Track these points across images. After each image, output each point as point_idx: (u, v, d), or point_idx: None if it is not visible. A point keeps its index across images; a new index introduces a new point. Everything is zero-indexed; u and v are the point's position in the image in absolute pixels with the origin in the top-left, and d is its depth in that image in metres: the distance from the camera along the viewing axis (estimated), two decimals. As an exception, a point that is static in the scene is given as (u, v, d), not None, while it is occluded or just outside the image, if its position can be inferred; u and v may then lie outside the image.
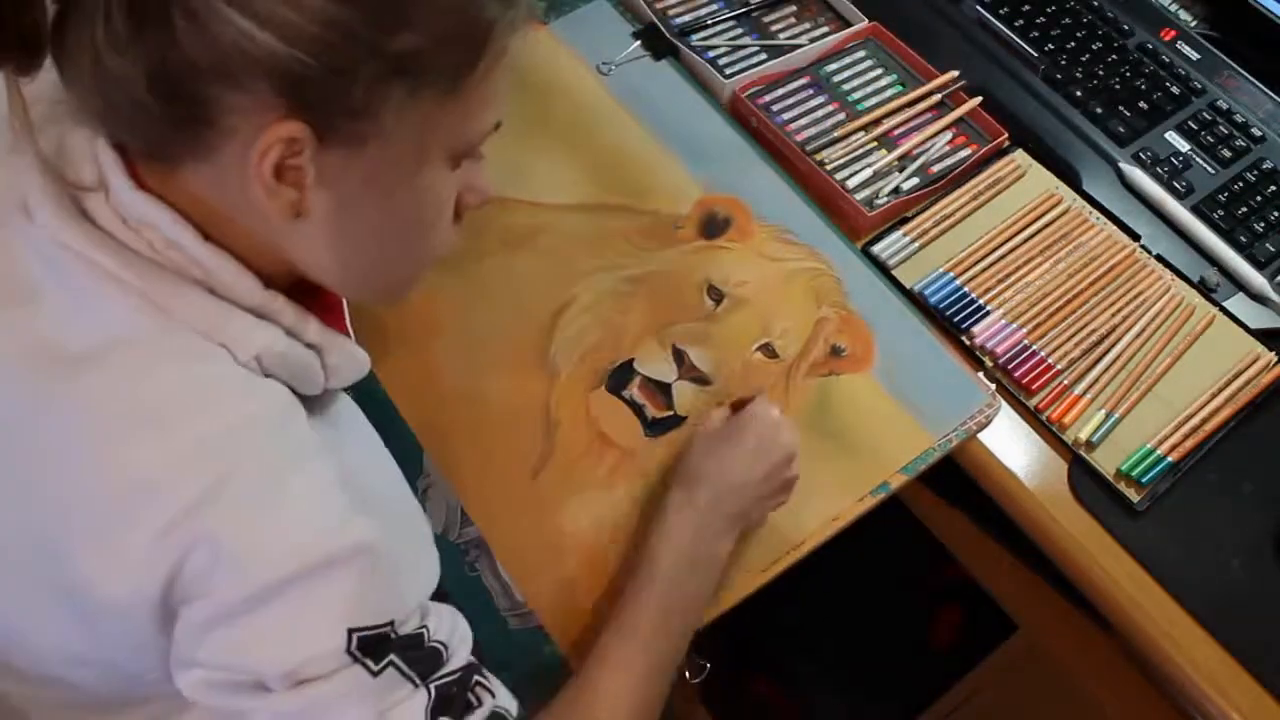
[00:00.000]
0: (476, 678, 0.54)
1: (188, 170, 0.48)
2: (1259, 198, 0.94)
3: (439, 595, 0.58)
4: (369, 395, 0.77)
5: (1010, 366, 0.81)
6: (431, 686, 0.51)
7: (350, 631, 0.48)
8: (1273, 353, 0.84)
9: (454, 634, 0.54)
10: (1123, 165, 0.95)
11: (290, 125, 0.45)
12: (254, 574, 0.46)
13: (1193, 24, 1.10)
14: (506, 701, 0.55)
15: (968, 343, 0.83)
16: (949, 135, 0.94)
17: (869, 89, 0.97)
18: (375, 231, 0.52)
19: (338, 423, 0.58)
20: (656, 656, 0.63)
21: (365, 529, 0.50)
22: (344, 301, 0.63)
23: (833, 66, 0.98)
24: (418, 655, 0.51)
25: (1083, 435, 0.78)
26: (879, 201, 0.89)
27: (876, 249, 0.87)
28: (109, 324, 0.49)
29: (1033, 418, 0.80)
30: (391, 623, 0.50)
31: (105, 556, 0.47)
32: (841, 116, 0.95)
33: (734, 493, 0.68)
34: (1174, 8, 1.11)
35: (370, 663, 0.48)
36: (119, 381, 0.48)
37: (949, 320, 0.83)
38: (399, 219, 0.52)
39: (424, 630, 0.52)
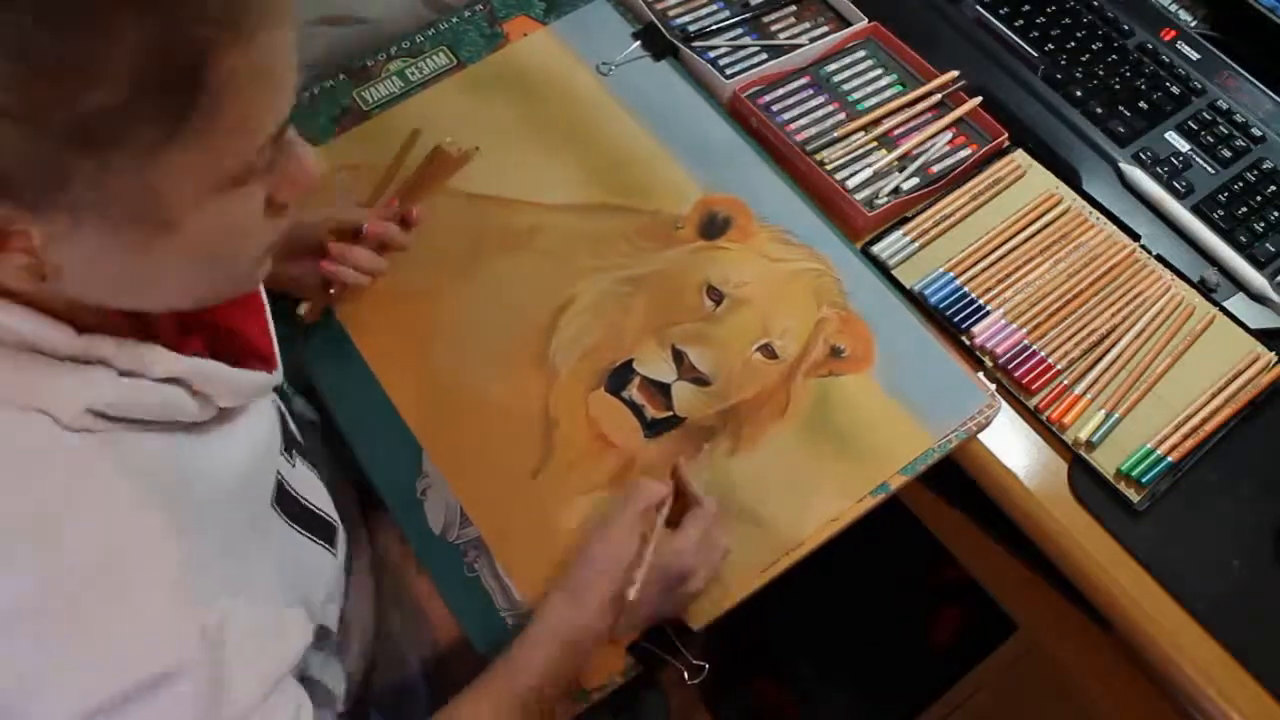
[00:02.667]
0: None
1: None
2: (1259, 198, 0.94)
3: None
4: (369, 395, 0.77)
5: (1010, 366, 0.81)
6: None
7: None
8: (1273, 353, 0.84)
9: None
10: (1123, 165, 0.95)
11: None
12: (72, 702, 0.43)
13: (1193, 24, 1.10)
14: None
15: (968, 343, 0.82)
16: (949, 135, 0.94)
17: (869, 89, 0.97)
18: (157, 271, 0.46)
19: (232, 435, 0.54)
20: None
21: (194, 636, 0.46)
22: (262, 298, 0.59)
23: (833, 66, 0.98)
24: None
25: (1083, 435, 0.78)
26: (879, 201, 0.89)
27: (876, 249, 0.87)
28: None
29: (1033, 418, 0.80)
30: None
31: None
32: (841, 116, 0.95)
33: (634, 608, 0.66)
34: (1174, 8, 1.11)
35: None
36: None
37: (949, 320, 0.83)
38: (179, 258, 0.45)
39: None
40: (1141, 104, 0.99)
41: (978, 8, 1.05)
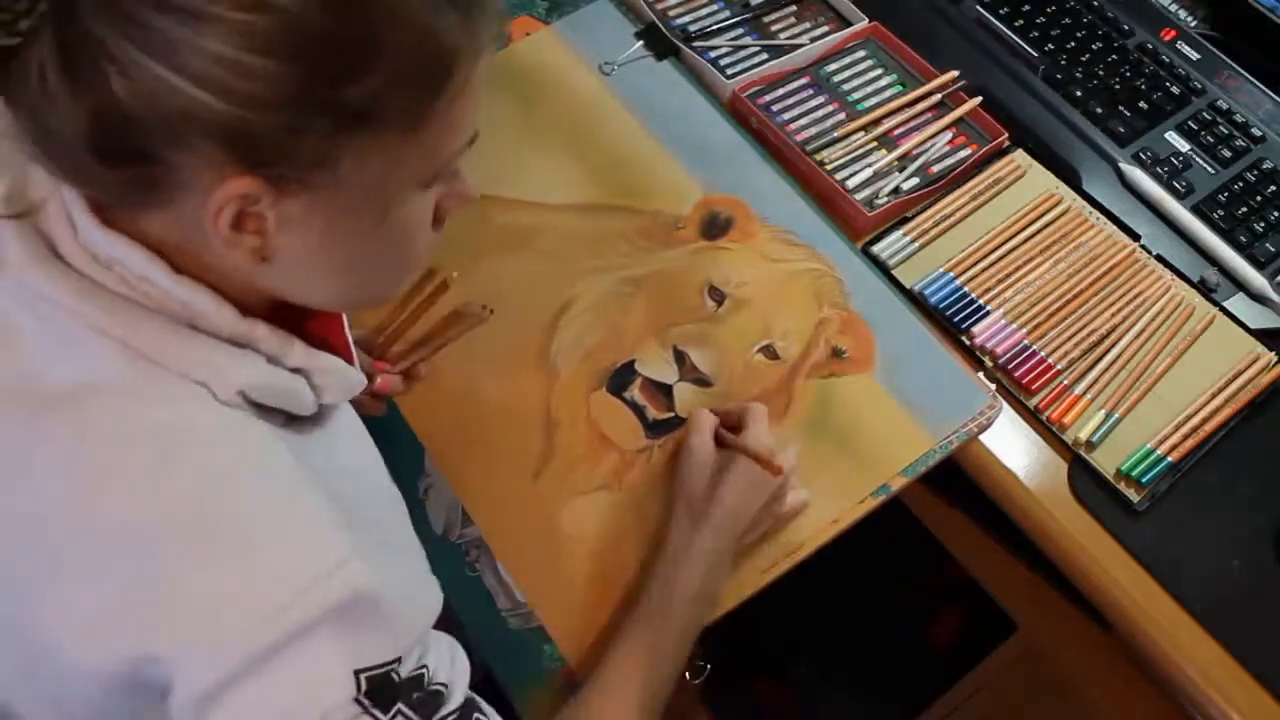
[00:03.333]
0: (475, 714, 0.53)
1: (153, 221, 0.47)
2: (1259, 198, 0.94)
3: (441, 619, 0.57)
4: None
5: (1010, 366, 0.81)
6: None
7: (357, 673, 0.46)
8: (1273, 353, 0.84)
9: (453, 669, 0.53)
10: (1123, 165, 0.95)
11: (242, 181, 0.43)
12: (243, 641, 0.44)
13: (1193, 24, 1.10)
14: None
15: (968, 343, 0.83)
16: (949, 135, 0.94)
17: (869, 89, 0.97)
18: (347, 263, 0.51)
19: (335, 441, 0.57)
20: (654, 688, 0.64)
21: (358, 572, 0.47)
22: (344, 324, 0.62)
23: (833, 66, 0.98)
24: (421, 699, 0.49)
25: (1083, 435, 0.78)
26: (879, 201, 0.89)
27: (876, 249, 0.87)
28: (85, 368, 0.47)
29: (1033, 418, 0.80)
30: (398, 659, 0.48)
31: (72, 615, 0.46)
32: (841, 116, 0.95)
33: (739, 526, 0.69)
34: (1174, 8, 1.11)
35: (379, 713, 0.47)
36: (92, 429, 0.47)
37: (949, 320, 0.83)
38: (371, 249, 0.51)
39: (424, 670, 0.50)
40: (1141, 104, 0.99)
41: (978, 8, 1.05)
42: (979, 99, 0.95)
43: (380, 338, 0.73)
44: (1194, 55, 1.04)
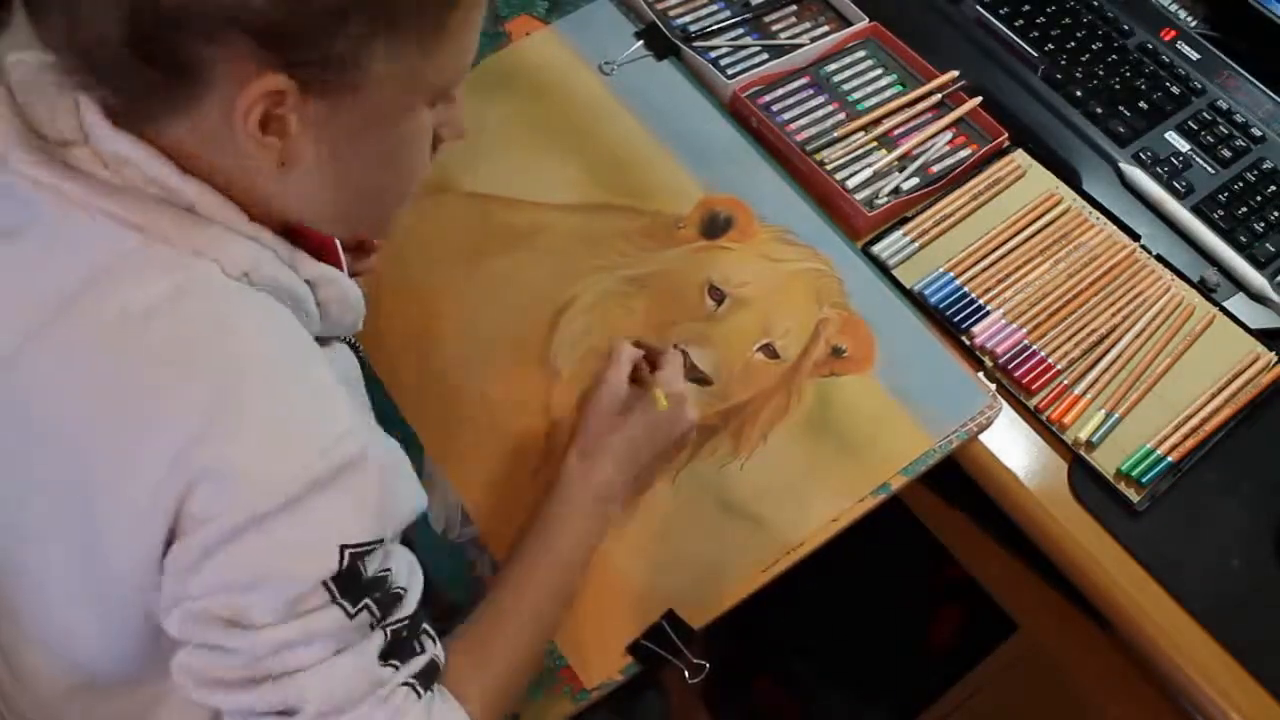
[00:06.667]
0: (423, 625, 0.55)
1: (171, 126, 0.48)
2: (1259, 198, 0.94)
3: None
4: (370, 394, 0.77)
5: (1010, 366, 0.81)
6: (388, 629, 0.52)
7: (343, 548, 0.48)
8: (1273, 353, 0.84)
9: (411, 578, 0.55)
10: (1123, 165, 0.95)
11: (273, 79, 0.44)
12: (262, 495, 0.46)
13: (1193, 24, 1.10)
14: (438, 651, 0.56)
15: (968, 343, 0.83)
16: (949, 135, 0.94)
17: (869, 89, 0.97)
18: (360, 173, 0.52)
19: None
20: (543, 616, 0.65)
21: (367, 436, 0.50)
22: (339, 249, 0.63)
23: (833, 66, 0.98)
24: (383, 598, 0.51)
25: (1083, 435, 0.78)
26: (879, 201, 0.89)
27: (876, 249, 0.87)
28: (90, 253, 0.49)
29: (1033, 418, 0.80)
30: (381, 541, 0.50)
31: (116, 485, 0.47)
32: (841, 116, 0.95)
33: (635, 465, 0.70)
34: (1174, 8, 1.11)
35: (348, 604, 0.49)
36: (106, 306, 0.48)
37: (949, 320, 0.83)
38: (384, 159, 0.53)
39: (388, 572, 0.52)
40: (1141, 104, 0.99)
41: (978, 8, 1.05)
42: (979, 99, 0.95)
43: None
44: (1194, 55, 1.04)
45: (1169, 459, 0.77)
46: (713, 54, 0.98)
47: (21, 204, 0.49)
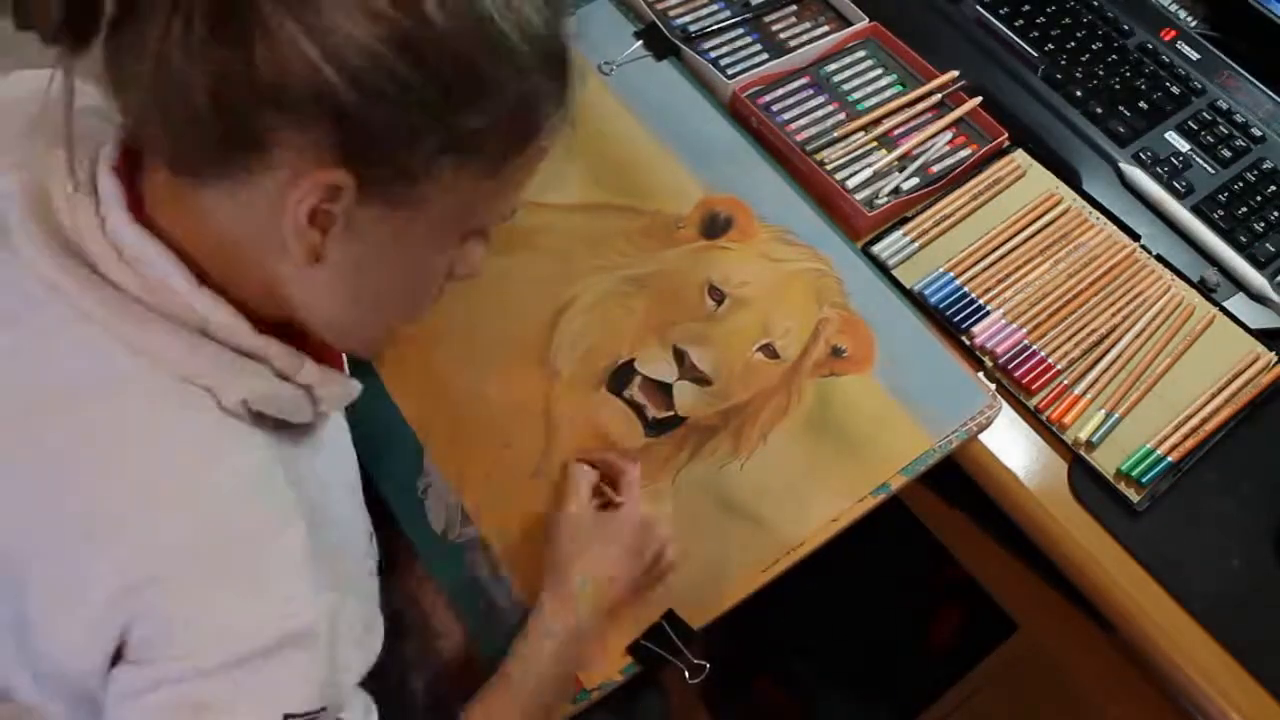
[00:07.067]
0: None
1: (210, 192, 0.47)
2: (1259, 198, 0.94)
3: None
4: (370, 395, 0.77)
5: (1010, 366, 0.81)
6: None
7: (285, 716, 0.47)
8: (1273, 353, 0.84)
9: (367, 717, 0.54)
10: (1123, 165, 0.95)
11: (339, 173, 0.44)
12: (206, 651, 0.46)
13: (1193, 24, 1.10)
14: None
15: (968, 343, 0.83)
16: (949, 135, 0.94)
17: (869, 89, 0.97)
18: (374, 288, 0.52)
19: (320, 448, 0.57)
20: None
21: (323, 607, 0.49)
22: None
23: (833, 66, 0.98)
24: None
25: (1083, 435, 0.78)
26: (879, 201, 0.89)
27: (876, 249, 0.87)
28: (86, 365, 0.48)
29: (1033, 418, 0.80)
30: (324, 709, 0.49)
31: (59, 607, 0.47)
32: (841, 116, 0.95)
33: (607, 598, 0.67)
34: (1174, 8, 1.11)
35: None
36: (91, 425, 0.47)
37: (949, 320, 0.83)
38: (402, 282, 0.53)
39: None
40: (1141, 104, 0.99)
41: (978, 8, 1.05)
42: (979, 99, 0.95)
43: None
44: (1194, 55, 1.04)
45: (1169, 459, 0.77)
46: (712, 54, 0.98)
47: (22, 295, 0.48)
